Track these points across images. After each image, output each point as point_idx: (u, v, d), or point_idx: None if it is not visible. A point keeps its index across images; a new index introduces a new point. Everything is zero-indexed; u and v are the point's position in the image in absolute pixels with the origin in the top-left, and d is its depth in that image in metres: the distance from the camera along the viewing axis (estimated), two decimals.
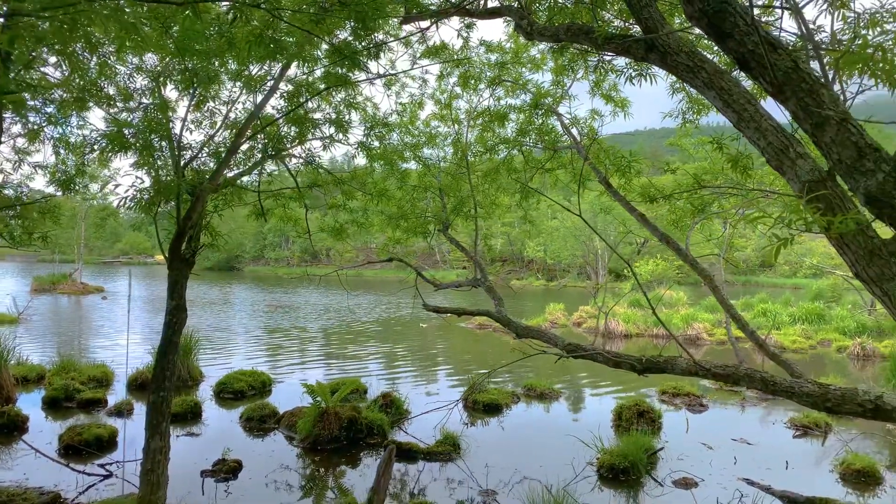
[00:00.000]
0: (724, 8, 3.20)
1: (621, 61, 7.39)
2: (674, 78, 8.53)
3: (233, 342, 17.51)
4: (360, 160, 10.32)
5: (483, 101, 10.64)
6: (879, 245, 3.70)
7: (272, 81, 7.72)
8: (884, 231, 3.77)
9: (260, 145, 8.70)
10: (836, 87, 3.91)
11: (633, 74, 7.02)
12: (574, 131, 8.84)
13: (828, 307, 22.46)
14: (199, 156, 7.91)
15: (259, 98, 7.68)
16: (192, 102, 7.43)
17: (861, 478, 7.08)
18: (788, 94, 3.15)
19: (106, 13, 3.82)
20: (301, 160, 9.41)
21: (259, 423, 9.08)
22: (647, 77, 6.93)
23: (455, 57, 9.49)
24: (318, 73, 7.83)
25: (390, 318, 24.64)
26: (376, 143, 9.02)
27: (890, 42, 3.37)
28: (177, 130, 7.31)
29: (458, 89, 10.45)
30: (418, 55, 9.43)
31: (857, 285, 22.65)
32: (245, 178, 9.14)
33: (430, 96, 11.01)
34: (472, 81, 10.02)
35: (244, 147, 8.73)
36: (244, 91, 8.11)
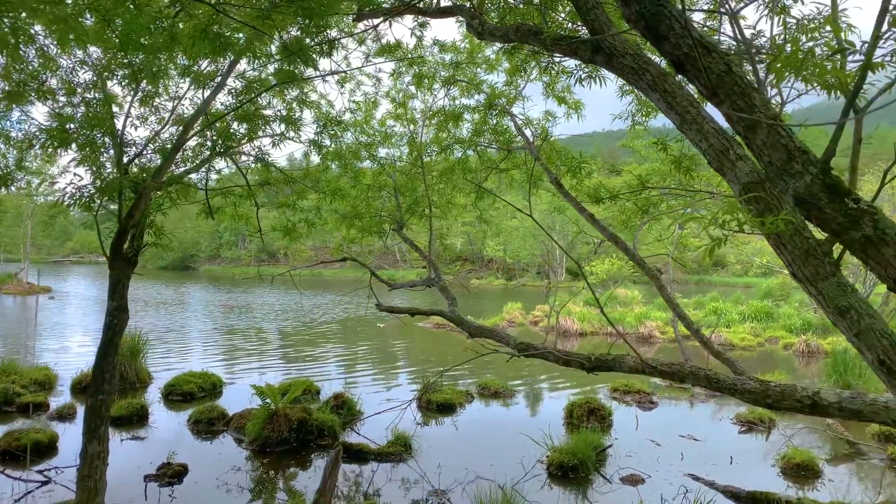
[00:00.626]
0: (660, 11, 3.24)
1: (572, 63, 7.46)
2: (623, 81, 8.67)
3: (186, 343, 17.16)
4: (317, 158, 10.23)
5: (438, 100, 10.63)
6: (814, 245, 3.79)
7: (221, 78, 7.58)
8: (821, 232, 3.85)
9: (209, 142, 8.53)
10: (773, 92, 4.01)
11: (583, 76, 7.09)
12: (527, 132, 8.90)
13: (776, 305, 23.09)
14: (145, 152, 7.72)
15: (207, 94, 7.54)
16: (137, 98, 7.24)
17: (801, 471, 7.29)
18: (722, 97, 3.21)
19: (35, 4, 3.69)
20: (251, 158, 9.27)
21: (208, 426, 8.90)
22: (597, 80, 7.01)
23: (409, 56, 9.45)
24: (272, 69, 7.73)
25: (349, 318, 24.47)
26: (328, 142, 8.93)
27: (820, 47, 3.46)
28: (121, 126, 7.12)
29: (412, 89, 10.42)
30: (372, 54, 9.38)
31: None
32: (194, 176, 8.96)
33: (386, 95, 10.96)
34: (427, 81, 9.99)
35: (192, 144, 8.55)
36: (193, 87, 7.95)
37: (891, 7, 2.77)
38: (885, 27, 2.76)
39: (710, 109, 3.78)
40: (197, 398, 10.59)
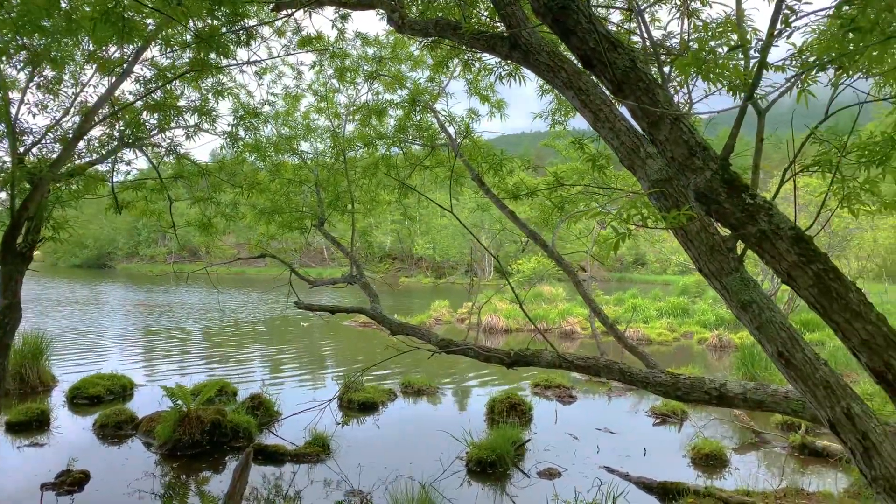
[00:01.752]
0: (568, 5, 3.24)
1: (494, 61, 7.47)
2: (541, 79, 8.77)
3: (101, 345, 16.32)
4: (237, 151, 9.92)
5: (362, 95, 10.49)
6: (719, 242, 3.89)
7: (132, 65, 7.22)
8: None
9: (117, 132, 8.13)
10: (682, 92, 4.09)
11: (504, 74, 7.11)
12: (451, 129, 8.88)
13: (692, 302, 23.99)
14: (44, 141, 7.26)
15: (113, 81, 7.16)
16: (33, 82, 6.80)
17: (710, 461, 7.56)
18: (627, 93, 3.24)
19: None
20: (162, 149, 8.88)
21: (115, 430, 8.47)
22: (518, 78, 7.06)
23: (331, 48, 9.26)
24: (188, 58, 7.42)
25: (274, 317, 23.90)
26: (243, 133, 8.65)
27: (722, 47, 3.55)
28: (15, 112, 6.68)
29: (336, 82, 10.24)
30: (293, 46, 9.15)
31: None
32: (102, 167, 8.51)
33: (308, 88, 10.74)
34: (350, 75, 9.83)
35: (97, 133, 8.11)
36: (98, 73, 7.55)
37: (783, 7, 2.86)
38: (779, 25, 2.84)
39: (625, 110, 3.83)
40: (105, 402, 10.07)
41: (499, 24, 5.82)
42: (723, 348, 17.35)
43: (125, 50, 7.22)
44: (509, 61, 6.67)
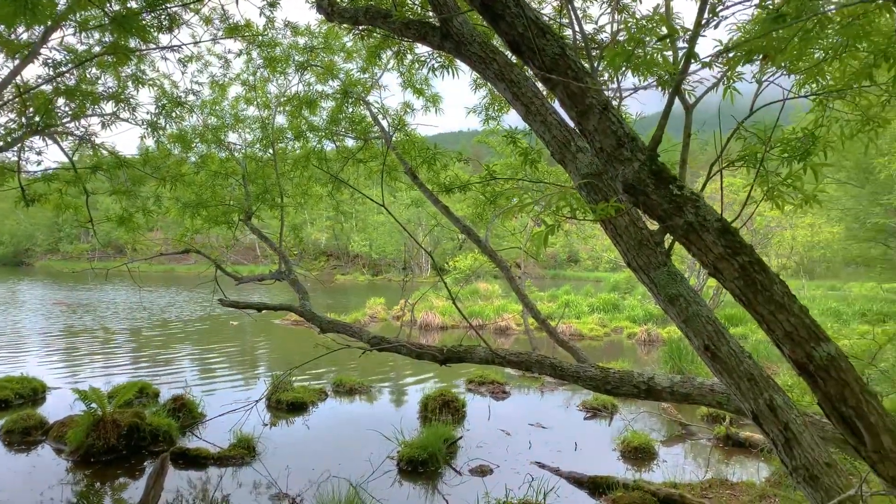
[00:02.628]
0: None
1: (427, 51, 7.35)
2: (475, 72, 8.71)
3: (16, 346, 15.37)
4: (165, 141, 9.50)
5: (293, 86, 10.21)
6: (647, 236, 3.87)
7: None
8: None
9: (25, 119, 7.63)
10: (613, 86, 4.06)
11: (437, 66, 6.99)
12: (384, 122, 8.72)
13: (622, 298, 24.53)
14: None
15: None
16: None
17: (638, 454, 7.67)
18: (556, 81, 3.16)
19: None
20: (77, 139, 8.39)
21: (22, 436, 7.93)
22: (452, 71, 6.95)
23: (259, 37, 8.94)
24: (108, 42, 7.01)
25: (204, 316, 23.11)
26: (164, 123, 8.26)
27: (650, 37, 3.52)
28: None
29: (266, 72, 9.93)
30: (221, 34, 8.81)
31: None
32: (9, 155, 7.99)
33: (237, 77, 10.38)
34: (280, 65, 9.53)
35: (2, 120, 7.58)
36: (4, 55, 7.04)
37: None
38: (706, 15, 2.82)
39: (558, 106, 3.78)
40: (14, 406, 9.45)
41: (431, 14, 5.71)
42: (651, 342, 17.78)
43: (35, 32, 6.76)
44: (442, 52, 6.57)
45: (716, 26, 2.88)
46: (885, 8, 3.26)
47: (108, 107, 8.43)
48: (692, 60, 2.82)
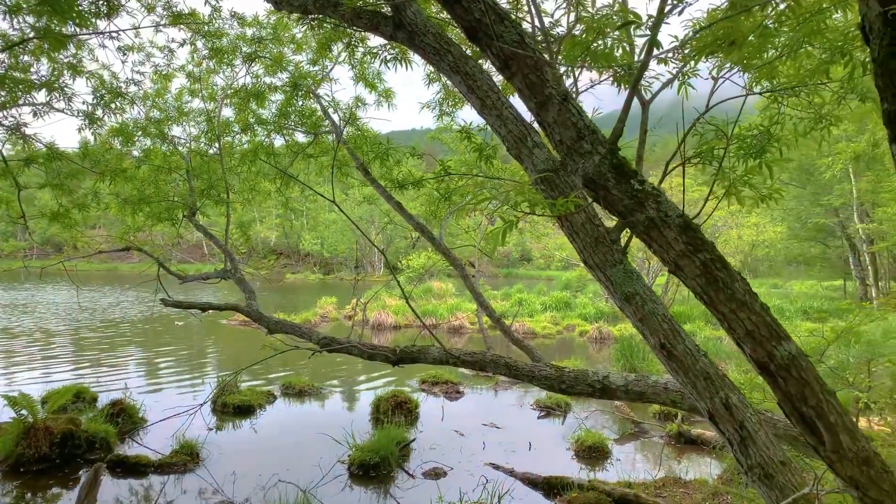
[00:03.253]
0: None
1: (379, 42, 7.16)
2: (431, 68, 8.55)
3: None
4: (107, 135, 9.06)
5: (240, 78, 9.88)
6: (604, 233, 3.78)
7: None
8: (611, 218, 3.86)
9: None
10: (570, 82, 3.95)
11: (389, 58, 6.81)
12: (335, 116, 8.49)
13: (573, 296, 24.74)
14: None
15: None
16: None
17: (592, 453, 7.64)
18: (514, 70, 3.04)
19: None
20: (6, 129, 7.92)
21: None
22: (404, 62, 6.78)
23: (205, 27, 8.60)
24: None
25: (149, 317, 22.31)
26: (101, 113, 7.86)
27: (609, 31, 3.42)
28: None
29: (212, 63, 9.57)
30: (165, 23, 8.44)
31: None
32: None
33: (181, 69, 9.99)
34: (227, 56, 9.20)
35: None
36: None
37: None
38: (669, 1, 2.72)
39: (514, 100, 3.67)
40: None
41: (384, 2, 5.53)
42: (603, 340, 17.93)
43: None
44: (395, 43, 6.39)
45: (680, 12, 2.78)
46: (840, 6, 3.24)
47: (41, 96, 7.98)
48: (654, 48, 2.72)
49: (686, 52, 3.52)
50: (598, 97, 4.14)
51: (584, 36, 3.46)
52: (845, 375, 7.27)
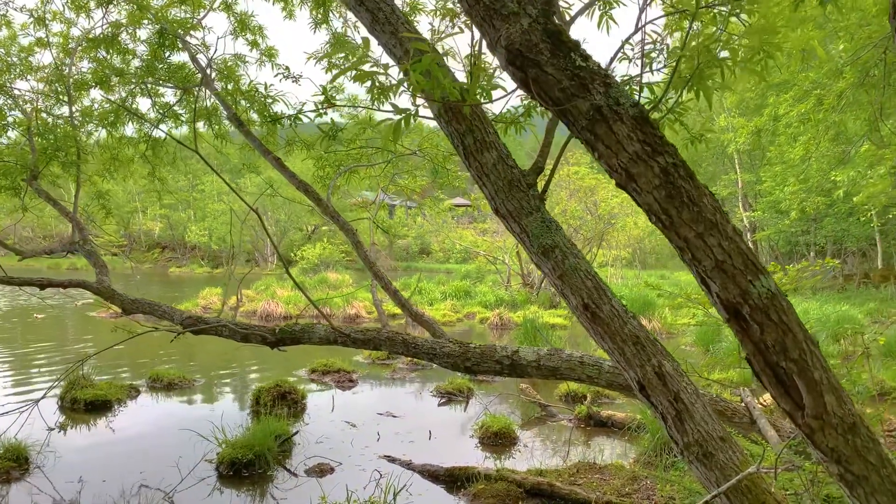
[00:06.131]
0: None
1: None
2: (319, 13, 7.60)
3: None
4: None
5: (97, 28, 8.61)
6: (518, 176, 3.08)
7: None
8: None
9: None
10: None
11: None
12: (202, 58, 7.38)
13: (473, 285, 24.36)
14: None
15: None
16: None
17: (499, 440, 6.96)
18: None
19: None
20: None
21: None
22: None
23: None
24: None
25: (9, 309, 19.83)
26: None
27: None
28: None
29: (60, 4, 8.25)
30: None
31: (500, 267, 25.02)
32: None
33: (22, 8, 8.58)
34: None
35: None
36: None
37: None
38: None
39: None
40: None
41: None
42: (503, 326, 17.55)
43: None
44: None
45: None
46: None
47: None
48: None
49: None
50: None
51: None
52: None
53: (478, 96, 2.49)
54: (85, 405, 7.88)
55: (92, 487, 5.58)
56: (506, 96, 2.45)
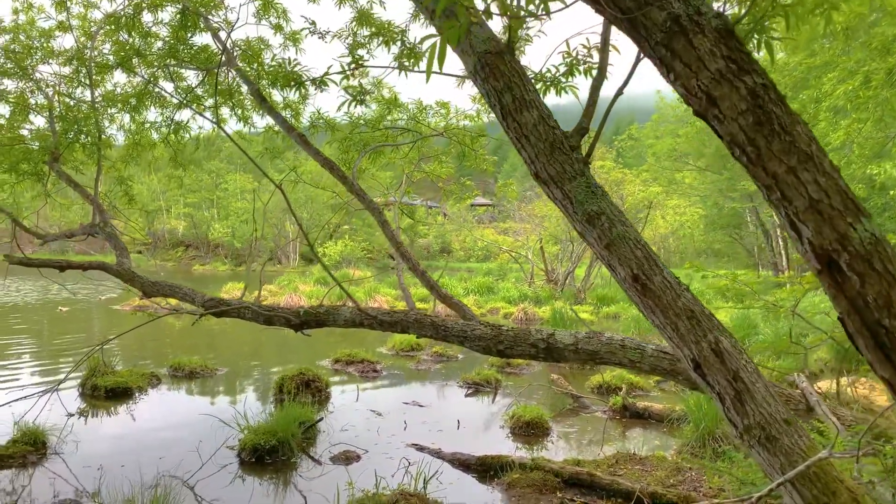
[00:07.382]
0: None
1: None
2: None
3: None
4: None
5: (119, 7, 8.47)
6: (560, 137, 2.79)
7: None
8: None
9: None
10: None
11: None
12: (223, 34, 7.19)
13: (496, 281, 24.09)
14: None
15: None
16: None
17: (531, 430, 6.67)
18: None
19: None
20: None
21: None
22: None
23: None
24: None
25: (29, 303, 19.91)
26: None
27: None
28: None
29: None
30: None
31: (524, 264, 24.68)
32: None
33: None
34: None
35: None
36: None
37: None
38: None
39: None
40: None
41: None
42: (528, 321, 17.21)
43: None
44: None
45: None
46: None
47: None
48: None
49: None
50: None
51: None
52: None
53: (533, 6, 2.21)
54: (106, 392, 7.73)
55: (110, 473, 5.39)
56: (563, 9, 2.16)
